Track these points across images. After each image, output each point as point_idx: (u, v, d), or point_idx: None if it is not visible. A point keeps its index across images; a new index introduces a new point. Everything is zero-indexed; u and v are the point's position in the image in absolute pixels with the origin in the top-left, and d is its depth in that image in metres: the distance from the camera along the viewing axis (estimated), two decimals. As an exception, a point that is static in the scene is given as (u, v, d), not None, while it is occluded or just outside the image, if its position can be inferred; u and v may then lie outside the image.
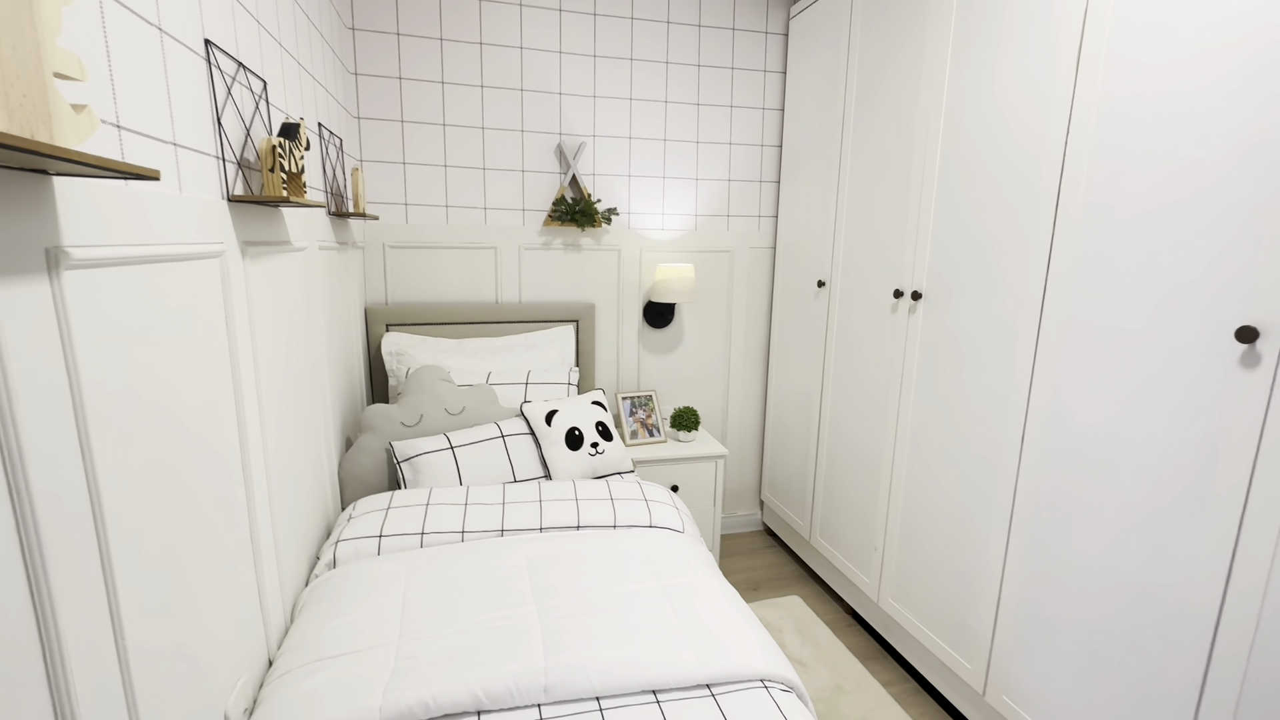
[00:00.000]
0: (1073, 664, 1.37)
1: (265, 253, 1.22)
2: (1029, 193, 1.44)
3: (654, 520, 1.66)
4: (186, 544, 0.88)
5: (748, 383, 2.84)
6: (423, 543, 1.50)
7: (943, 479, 1.74)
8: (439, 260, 2.36)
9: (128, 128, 0.78)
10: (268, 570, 1.18)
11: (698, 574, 1.41)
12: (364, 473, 1.84)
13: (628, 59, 2.41)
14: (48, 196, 0.64)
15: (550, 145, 2.40)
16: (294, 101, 1.47)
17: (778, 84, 2.60)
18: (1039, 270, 1.42)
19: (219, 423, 1.00)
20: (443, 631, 1.16)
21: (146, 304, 0.81)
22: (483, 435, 1.91)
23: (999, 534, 1.55)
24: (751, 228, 2.70)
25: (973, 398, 1.62)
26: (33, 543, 0.60)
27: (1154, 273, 1.19)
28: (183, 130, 0.92)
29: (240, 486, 1.07)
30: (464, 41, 2.24)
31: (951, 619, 1.72)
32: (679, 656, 1.11)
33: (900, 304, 1.89)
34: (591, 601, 1.27)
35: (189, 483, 0.90)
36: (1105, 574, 1.30)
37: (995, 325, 1.55)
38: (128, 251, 0.76)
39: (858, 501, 2.15)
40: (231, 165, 1.09)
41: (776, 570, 2.61)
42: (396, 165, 2.26)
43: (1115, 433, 1.27)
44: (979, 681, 1.63)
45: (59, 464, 0.64)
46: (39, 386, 0.61)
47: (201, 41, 0.99)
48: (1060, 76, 1.36)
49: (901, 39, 1.86)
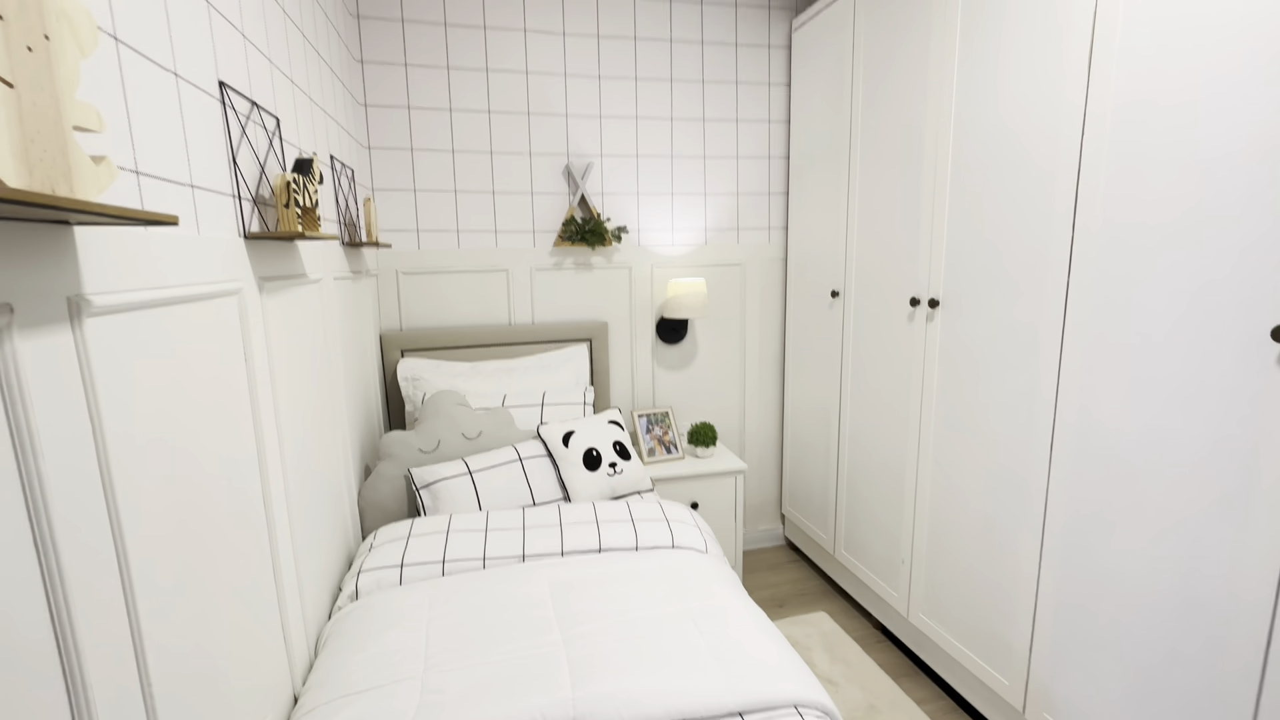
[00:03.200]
0: (1116, 678, 1.32)
1: (282, 287, 1.23)
2: (1045, 197, 1.42)
3: (676, 541, 1.64)
4: (210, 587, 0.88)
5: (764, 396, 2.81)
6: (444, 570, 1.49)
7: (970, 489, 1.70)
8: (451, 285, 2.37)
9: (146, 173, 0.79)
10: (291, 605, 1.18)
11: (724, 596, 1.38)
12: (384, 500, 1.84)
13: (632, 78, 2.43)
14: (69, 246, 0.64)
15: (558, 166, 2.41)
16: (306, 136, 1.49)
17: (782, 96, 2.61)
18: (1059, 274, 1.39)
19: (239, 459, 1.00)
20: (468, 663, 1.15)
21: (166, 345, 0.81)
22: (500, 459, 1.90)
23: (1031, 543, 1.51)
24: (762, 240, 2.69)
25: (997, 405, 1.59)
26: (59, 596, 0.60)
27: (1180, 274, 1.16)
28: (199, 172, 0.93)
29: (262, 522, 1.07)
30: (470, 69, 2.27)
31: (986, 633, 1.68)
32: (709, 684, 1.08)
33: (917, 312, 1.87)
34: (617, 628, 1.24)
35: (211, 524, 0.89)
36: (1145, 583, 1.26)
37: (1017, 331, 1.52)
38: (148, 295, 0.76)
39: (882, 514, 2.11)
40: (247, 203, 1.10)
41: (801, 586, 2.56)
42: (407, 193, 2.28)
43: (1148, 437, 1.23)
44: (1018, 698, 1.58)
45: (84, 515, 0.64)
46: (63, 436, 0.61)
47: (216, 83, 1.00)
48: (1072, 79, 1.34)
49: (906, 47, 1.85)
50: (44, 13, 0.50)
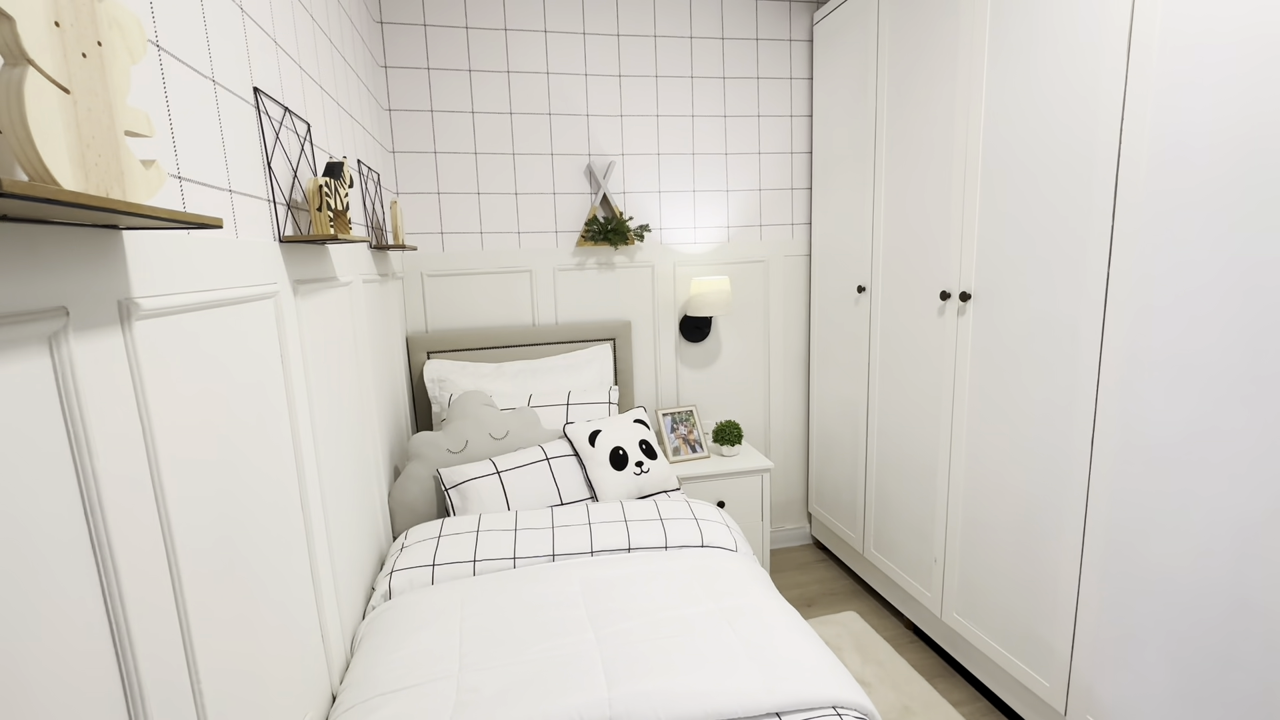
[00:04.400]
0: (1165, 681, 1.28)
1: (314, 289, 1.24)
2: (1083, 186, 1.38)
3: (706, 540, 1.62)
4: (250, 588, 0.89)
5: (789, 393, 2.78)
6: (475, 570, 1.50)
7: (1005, 486, 1.67)
8: (476, 286, 2.38)
9: (188, 178, 0.80)
10: (328, 606, 1.19)
11: (756, 594, 1.37)
12: (413, 501, 1.86)
13: (652, 76, 2.42)
14: (118, 250, 0.65)
15: (580, 166, 2.41)
16: (335, 141, 1.50)
17: (805, 90, 2.58)
18: (1099, 263, 1.36)
19: (278, 460, 1.01)
20: (502, 662, 1.15)
21: (208, 347, 0.82)
22: (527, 459, 1.91)
23: (1073, 541, 1.47)
24: (785, 236, 2.67)
25: (1034, 398, 1.55)
26: (115, 596, 0.61)
27: (1228, 261, 1.12)
28: (237, 176, 0.95)
29: (300, 524, 1.08)
30: (492, 71, 2.28)
31: (1024, 633, 1.64)
32: (747, 684, 1.07)
33: (948, 305, 1.83)
34: (650, 627, 1.24)
35: (254, 526, 0.90)
36: (1195, 583, 1.21)
37: (1054, 322, 1.48)
38: (192, 298, 0.77)
39: (913, 512, 2.08)
40: (281, 207, 1.11)
41: (830, 585, 2.53)
42: (431, 195, 2.30)
43: (1198, 432, 1.19)
44: (1059, 700, 1.54)
45: (136, 515, 0.65)
46: (115, 435, 0.62)
47: (251, 90, 1.02)
48: (1110, 62, 1.30)
49: (933, 38, 1.82)
50: (97, 20, 0.51)
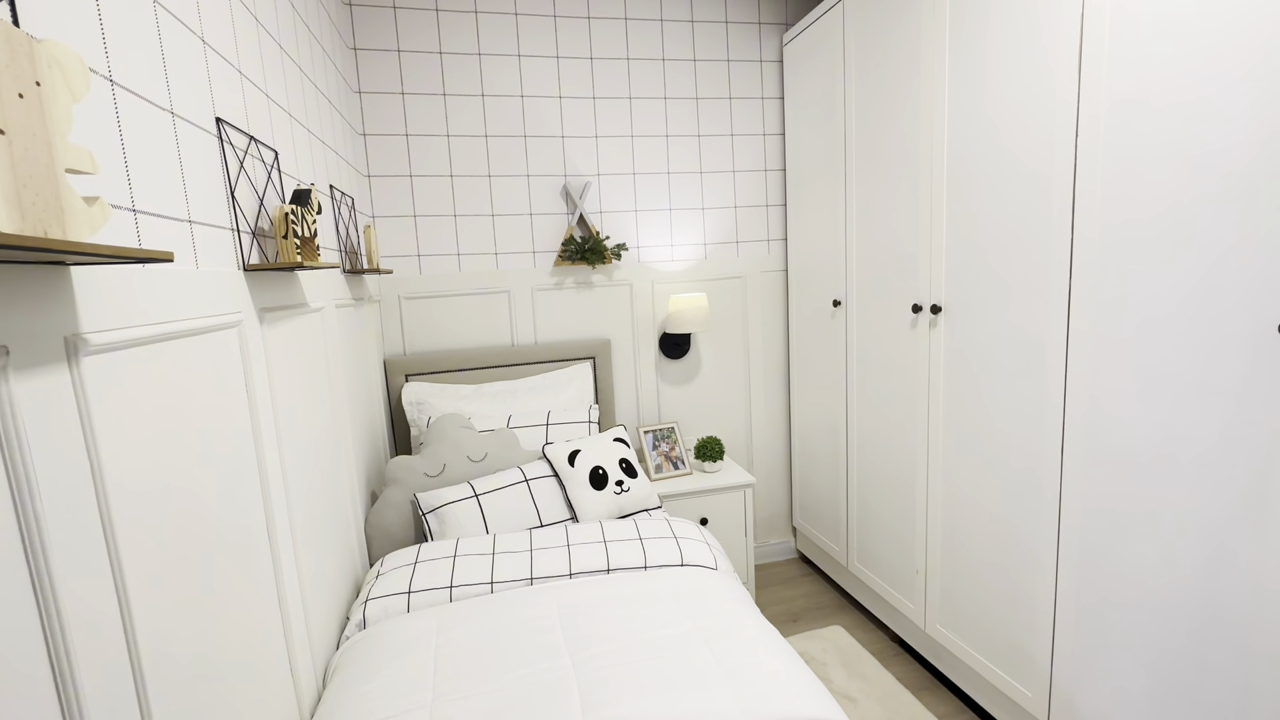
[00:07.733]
0: (1142, 687, 1.29)
1: (283, 317, 1.24)
2: (1043, 199, 1.42)
3: (685, 559, 1.62)
4: (214, 621, 0.87)
5: (770, 408, 2.79)
6: (452, 596, 1.48)
7: (981, 495, 1.68)
8: (454, 308, 2.38)
9: (143, 210, 0.80)
10: (298, 640, 1.17)
11: (735, 614, 1.36)
12: (390, 526, 1.83)
13: (626, 98, 2.46)
14: (65, 286, 0.65)
15: (556, 187, 2.43)
16: (305, 167, 1.50)
17: (776, 110, 2.63)
18: (1060, 276, 1.38)
19: (243, 493, 1.00)
20: (476, 690, 1.13)
21: (165, 379, 0.81)
22: (506, 481, 1.90)
23: (1047, 549, 1.48)
24: (761, 252, 2.70)
25: (1005, 409, 1.57)
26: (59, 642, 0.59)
27: (1183, 272, 1.15)
28: (197, 207, 0.94)
29: (267, 559, 1.07)
30: (466, 95, 2.30)
31: (1006, 643, 1.64)
32: (721, 705, 1.06)
33: (920, 318, 1.86)
34: (627, 650, 1.23)
35: (213, 558, 0.89)
36: (1166, 587, 1.23)
37: (1021, 334, 1.51)
38: (146, 331, 0.77)
39: (894, 523, 2.08)
40: (246, 235, 1.11)
41: (815, 599, 2.52)
42: (407, 219, 2.30)
43: (1162, 438, 1.21)
44: (1041, 710, 1.54)
45: (83, 560, 0.63)
46: (62, 476, 0.61)
47: (213, 120, 1.02)
48: (1062, 81, 1.34)
49: (896, 57, 1.87)
50: (35, 59, 0.51)
